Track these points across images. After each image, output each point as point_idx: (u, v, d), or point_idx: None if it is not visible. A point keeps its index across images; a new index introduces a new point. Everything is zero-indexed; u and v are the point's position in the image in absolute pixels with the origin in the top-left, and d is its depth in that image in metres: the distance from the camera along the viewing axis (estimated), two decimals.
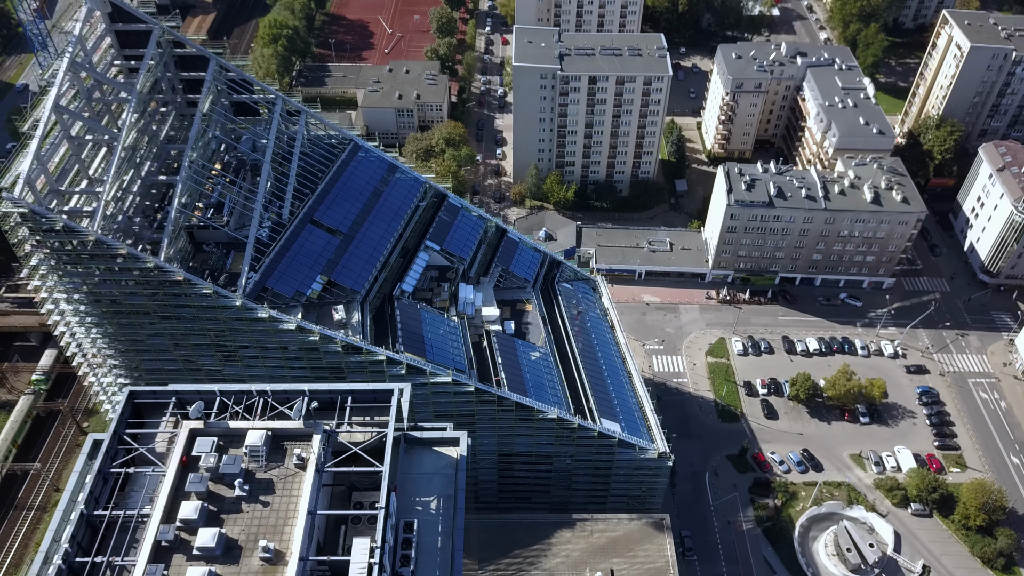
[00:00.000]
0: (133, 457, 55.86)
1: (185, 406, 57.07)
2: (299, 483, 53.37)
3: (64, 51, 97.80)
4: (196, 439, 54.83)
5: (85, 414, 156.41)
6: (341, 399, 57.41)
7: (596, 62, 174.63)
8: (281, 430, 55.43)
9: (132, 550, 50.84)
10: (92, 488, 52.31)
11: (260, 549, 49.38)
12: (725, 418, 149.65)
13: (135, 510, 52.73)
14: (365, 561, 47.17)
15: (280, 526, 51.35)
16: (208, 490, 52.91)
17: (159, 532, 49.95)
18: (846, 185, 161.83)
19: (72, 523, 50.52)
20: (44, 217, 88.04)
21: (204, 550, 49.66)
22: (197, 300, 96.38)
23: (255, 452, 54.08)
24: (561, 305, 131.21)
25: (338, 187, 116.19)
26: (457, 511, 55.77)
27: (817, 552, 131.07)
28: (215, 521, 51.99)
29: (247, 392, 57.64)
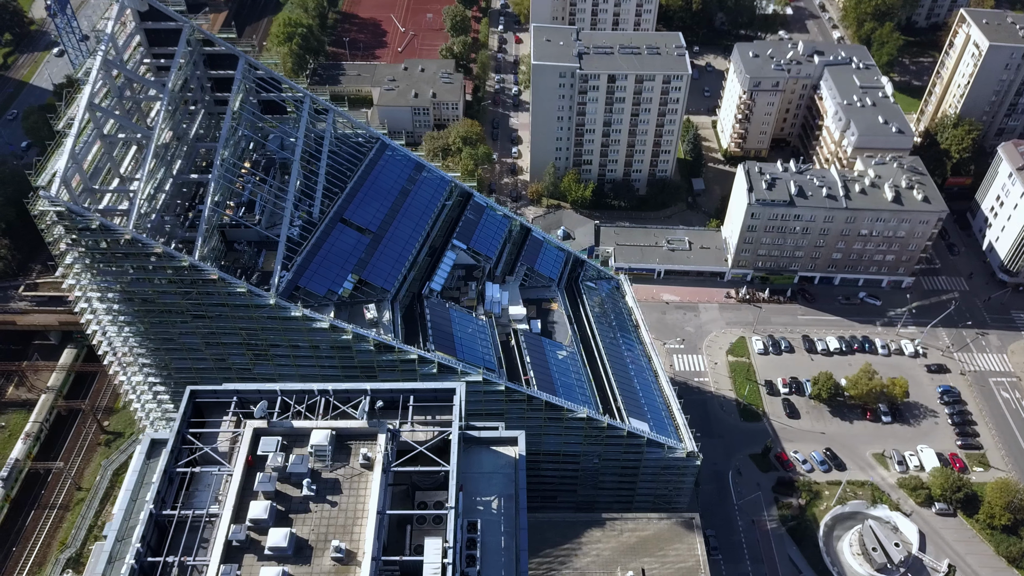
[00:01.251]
0: (197, 457, 55.62)
1: (247, 405, 56.86)
2: (366, 483, 53.17)
3: (96, 49, 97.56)
4: (260, 439, 54.69)
5: (105, 413, 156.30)
6: (403, 398, 57.26)
7: (615, 60, 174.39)
8: (345, 429, 55.23)
9: (201, 550, 50.69)
10: (159, 488, 52.08)
11: (332, 549, 49.20)
12: (747, 417, 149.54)
13: (202, 510, 52.54)
14: (439, 561, 47.03)
15: (349, 526, 51.17)
16: (276, 490, 52.70)
17: (231, 532, 49.83)
18: (866, 184, 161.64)
19: (142, 523, 50.34)
20: (80, 216, 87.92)
21: (276, 550, 49.47)
22: (231, 299, 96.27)
23: (321, 452, 53.90)
24: (586, 304, 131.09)
25: (367, 186, 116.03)
26: (519, 511, 55.65)
27: (842, 551, 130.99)
28: (284, 521, 51.81)
29: (309, 391, 57.44)
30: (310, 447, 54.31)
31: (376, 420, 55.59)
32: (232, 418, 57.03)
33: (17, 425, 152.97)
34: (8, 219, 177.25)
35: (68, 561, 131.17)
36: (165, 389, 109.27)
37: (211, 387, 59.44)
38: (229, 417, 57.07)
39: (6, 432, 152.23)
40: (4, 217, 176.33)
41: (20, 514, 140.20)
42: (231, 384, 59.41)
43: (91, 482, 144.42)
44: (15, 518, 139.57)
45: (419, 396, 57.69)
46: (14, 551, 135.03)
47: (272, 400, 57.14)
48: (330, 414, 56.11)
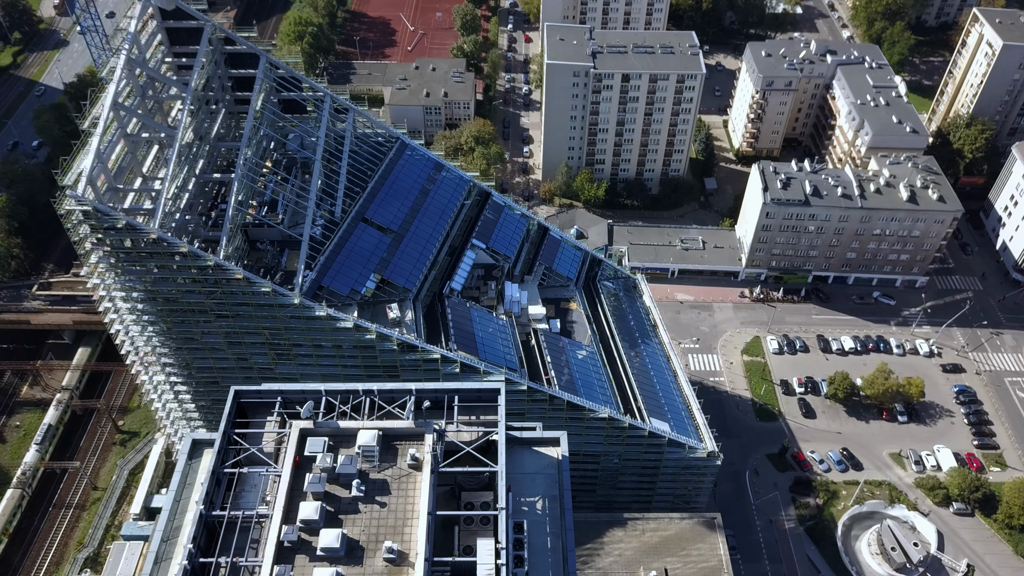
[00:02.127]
0: (243, 458, 55.45)
1: (290, 406, 56.64)
2: (415, 483, 53.00)
3: (120, 48, 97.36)
4: (307, 439, 54.52)
5: (120, 412, 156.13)
6: (447, 398, 57.09)
7: (629, 60, 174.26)
8: (391, 430, 55.06)
9: (251, 551, 50.52)
10: (208, 489, 51.91)
11: (384, 550, 49.01)
12: (763, 417, 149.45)
13: (251, 510, 52.37)
14: (492, 562, 46.90)
15: (400, 527, 51.00)
16: (325, 491, 52.50)
17: (283, 533, 49.67)
18: (881, 184, 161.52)
19: (192, 523, 50.17)
20: (107, 215, 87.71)
21: (328, 551, 49.29)
22: (255, 298, 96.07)
23: (369, 452, 53.71)
24: (604, 303, 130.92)
25: (387, 185, 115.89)
26: (565, 511, 55.51)
27: (860, 551, 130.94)
28: (334, 522, 51.66)
29: (353, 391, 57.23)
30: (357, 447, 54.12)
31: (422, 420, 55.49)
32: (276, 418, 56.95)
33: (32, 424, 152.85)
34: (21, 218, 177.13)
35: (86, 561, 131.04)
36: (187, 389, 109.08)
37: (255, 387, 59.27)
38: (274, 418, 57.00)
39: (21, 431, 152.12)
40: (17, 216, 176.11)
41: (36, 513, 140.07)
42: (275, 384, 59.25)
43: (107, 481, 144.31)
44: (31, 517, 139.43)
45: (463, 396, 57.55)
46: (31, 550, 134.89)
47: (316, 400, 56.99)
48: (376, 414, 56.00)
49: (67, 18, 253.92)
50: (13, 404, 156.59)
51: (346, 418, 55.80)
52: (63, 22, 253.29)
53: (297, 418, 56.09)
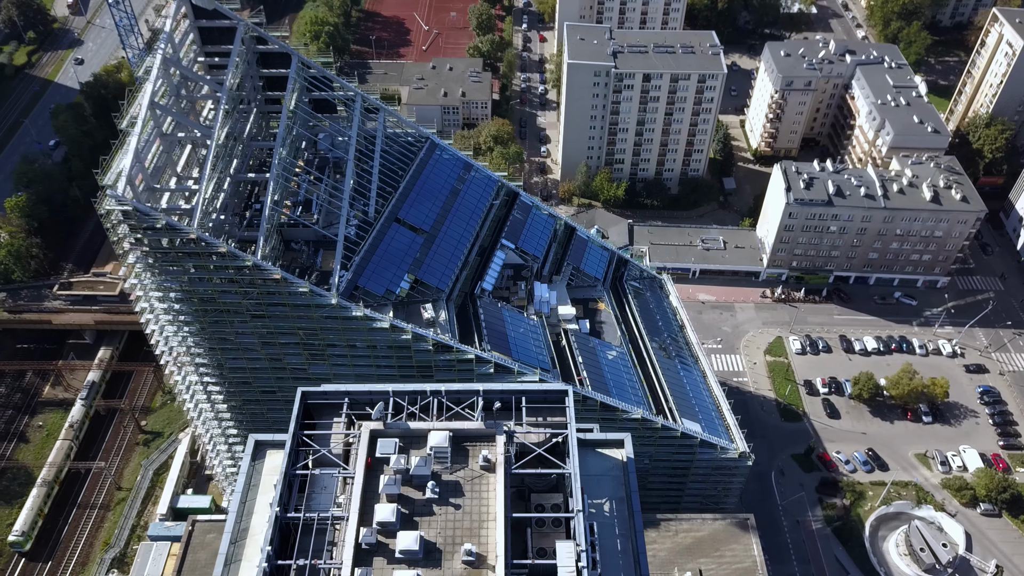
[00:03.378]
0: (315, 459, 55.13)
1: (361, 407, 56.39)
2: (488, 485, 52.73)
3: (156, 48, 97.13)
4: (377, 440, 54.24)
5: (142, 412, 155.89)
6: (515, 399, 56.82)
7: (650, 59, 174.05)
8: (462, 431, 54.81)
9: (325, 553, 50.23)
10: (282, 491, 51.62)
11: (462, 553, 48.78)
12: (787, 417, 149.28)
13: (325, 512, 52.05)
14: (573, 565, 46.66)
15: (476, 529, 50.77)
16: (399, 492, 52.22)
17: (362, 536, 49.40)
18: (904, 184, 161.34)
19: (269, 526, 49.89)
20: (146, 215, 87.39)
21: (407, 553, 49.00)
22: (292, 299, 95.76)
23: (441, 453, 53.44)
24: (632, 304, 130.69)
25: (419, 185, 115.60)
26: (634, 513, 55.25)
27: (888, 552, 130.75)
28: (410, 524, 51.40)
29: (421, 392, 56.94)
30: (429, 448, 53.84)
31: (492, 421, 55.22)
32: (343, 419, 56.66)
33: (55, 424, 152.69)
34: (40, 217, 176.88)
35: (113, 561, 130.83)
36: (219, 389, 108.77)
37: (322, 388, 58.97)
38: (341, 419, 56.71)
39: (44, 431, 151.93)
40: (36, 215, 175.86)
41: (61, 513, 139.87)
42: (342, 385, 58.97)
43: (130, 482, 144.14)
44: (55, 517, 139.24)
45: (530, 397, 57.29)
46: (57, 550, 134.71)
47: (384, 401, 56.71)
48: (444, 415, 55.72)
49: (81, 17, 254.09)
50: (35, 404, 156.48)
51: (415, 419, 55.58)
52: (77, 21, 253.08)
53: (364, 419, 55.80)
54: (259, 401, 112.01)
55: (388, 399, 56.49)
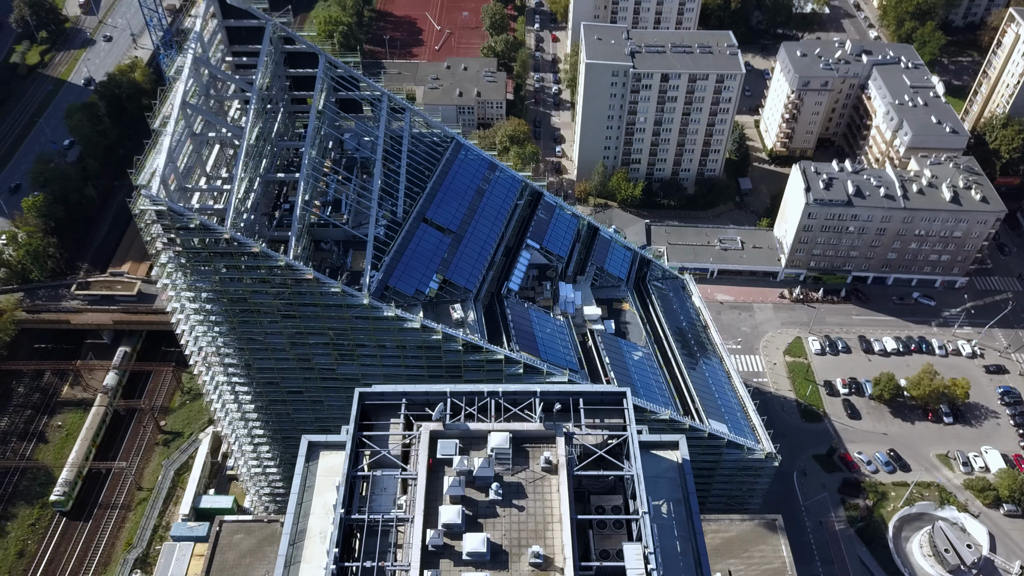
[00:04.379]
0: (374, 460, 54.85)
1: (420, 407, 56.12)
2: (550, 487, 52.49)
3: (187, 47, 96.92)
4: (438, 441, 53.98)
5: (161, 412, 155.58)
6: (573, 401, 56.59)
7: (667, 59, 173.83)
8: (521, 432, 54.58)
9: (390, 555, 49.97)
10: (345, 492, 51.34)
11: (530, 555, 48.56)
12: (808, 418, 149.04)
13: (386, 513, 51.73)
14: (642, 567, 46.46)
15: (541, 531, 50.51)
16: (463, 494, 51.98)
17: (429, 537, 49.14)
18: (924, 184, 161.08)
19: (335, 527, 49.62)
20: (180, 215, 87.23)
21: (474, 555, 48.78)
22: (323, 299, 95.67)
23: (502, 455, 53.21)
24: (655, 304, 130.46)
25: (445, 185, 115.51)
26: (693, 515, 55.06)
27: (912, 552, 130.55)
28: (474, 526, 51.19)
29: (478, 393, 56.75)
30: (489, 450, 53.60)
31: (551, 423, 55.01)
32: (401, 420, 56.39)
33: (74, 424, 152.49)
34: (56, 217, 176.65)
35: (136, 561, 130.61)
36: (247, 389, 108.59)
37: (379, 389, 58.70)
38: (399, 419, 56.43)
39: (63, 431, 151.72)
40: (52, 215, 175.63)
41: (81, 513, 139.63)
42: (399, 386, 58.71)
43: (151, 482, 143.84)
44: (76, 517, 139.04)
45: (588, 399, 57.04)
46: (78, 550, 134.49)
47: (441, 402, 56.41)
48: (502, 416, 55.48)
49: (92, 17, 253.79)
50: (54, 404, 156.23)
51: (473, 420, 55.36)
52: (88, 21, 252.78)
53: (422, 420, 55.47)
54: (285, 402, 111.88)
55: (446, 400, 56.27)
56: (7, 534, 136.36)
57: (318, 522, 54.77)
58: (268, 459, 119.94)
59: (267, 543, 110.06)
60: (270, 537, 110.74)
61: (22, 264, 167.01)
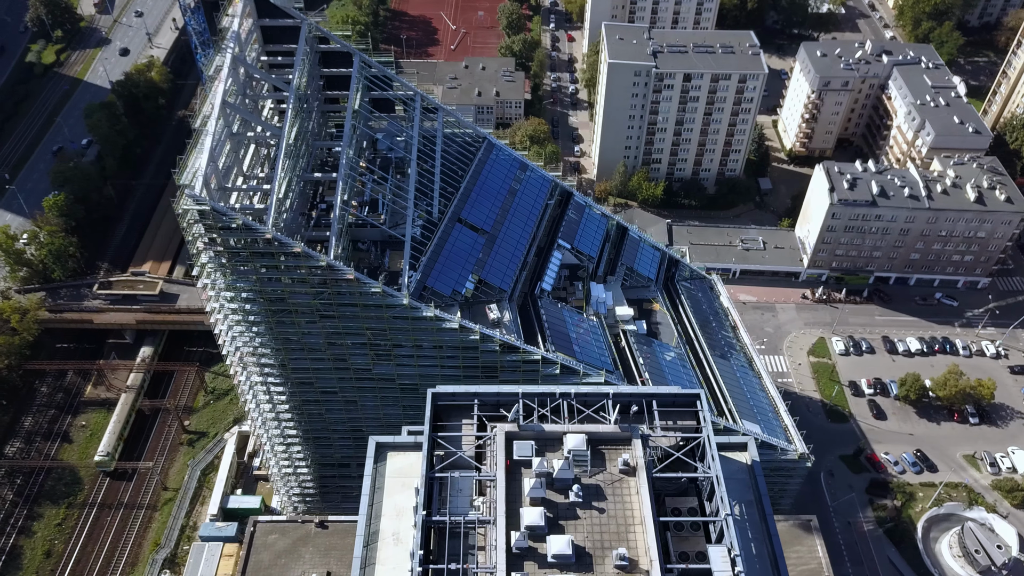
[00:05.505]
0: (450, 462, 54.59)
1: (494, 408, 55.88)
2: (629, 489, 52.29)
3: (225, 46, 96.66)
4: (513, 442, 53.77)
5: (185, 412, 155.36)
6: (647, 403, 56.38)
7: (690, 59, 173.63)
8: (597, 433, 54.38)
9: (471, 557, 49.76)
10: (425, 493, 51.11)
11: (615, 557, 48.35)
12: (834, 418, 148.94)
13: (465, 515, 51.50)
14: (729, 570, 46.29)
15: (623, 533, 50.33)
16: (544, 496, 51.76)
17: (514, 540, 48.92)
18: (948, 185, 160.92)
19: (418, 529, 49.36)
20: (224, 215, 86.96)
21: (560, 557, 48.56)
22: (363, 299, 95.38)
23: (580, 457, 53.00)
24: (685, 304, 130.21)
25: (479, 185, 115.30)
26: (767, 516, 54.88)
27: (941, 553, 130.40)
28: (556, 528, 50.98)
29: (550, 394, 56.52)
30: (567, 451, 53.38)
31: (627, 425, 54.81)
32: (474, 421, 56.17)
33: (98, 424, 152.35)
34: (77, 216, 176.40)
35: (164, 561, 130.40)
36: (282, 390, 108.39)
37: (450, 389, 58.46)
38: (471, 420, 56.19)
39: (87, 431, 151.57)
40: (73, 215, 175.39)
41: (107, 513, 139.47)
42: (471, 387, 58.48)
43: (176, 482, 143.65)
44: (102, 517, 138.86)
45: (660, 401, 56.85)
46: (104, 550, 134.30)
47: (513, 404, 56.18)
48: (576, 418, 55.27)
49: (107, 16, 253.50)
50: (78, 404, 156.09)
51: (546, 421, 55.15)
52: (103, 20, 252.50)
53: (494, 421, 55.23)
54: (318, 402, 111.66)
55: (518, 401, 56.03)
56: (34, 534, 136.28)
57: (390, 524, 54.53)
58: (299, 459, 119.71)
59: (301, 543, 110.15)
60: (304, 537, 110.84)
61: (44, 263, 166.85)
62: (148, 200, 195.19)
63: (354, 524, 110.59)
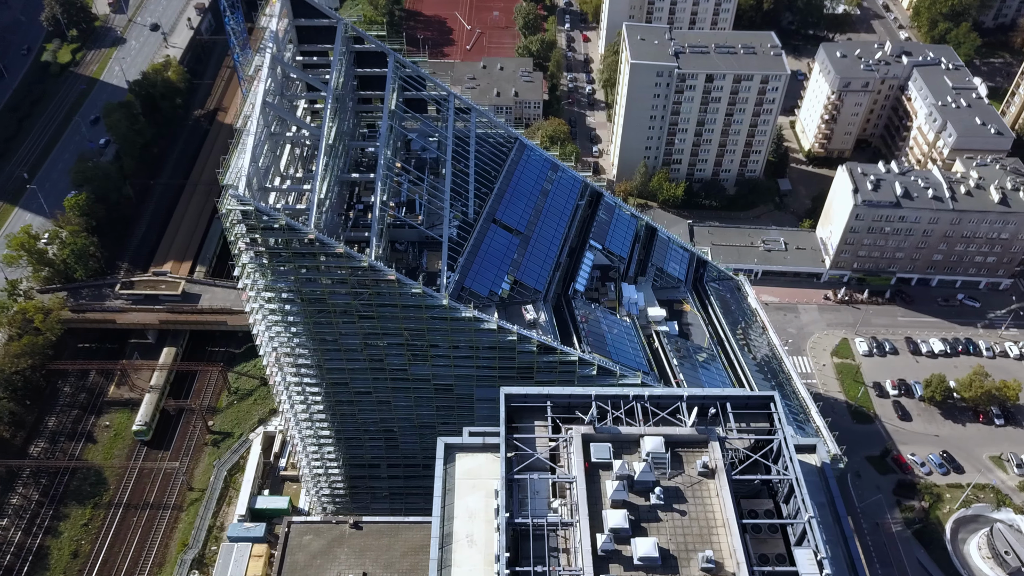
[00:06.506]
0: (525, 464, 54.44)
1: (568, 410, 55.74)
2: (709, 491, 52.19)
3: (264, 46, 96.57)
4: (590, 444, 53.66)
5: (208, 412, 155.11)
6: (720, 405, 56.27)
7: (712, 60, 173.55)
8: (674, 436, 54.27)
9: (552, 560, 49.60)
10: (505, 495, 50.94)
11: (700, 560, 48.23)
12: (859, 419, 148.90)
13: (553, 518, 51.27)
14: (817, 573, 46.16)
15: (706, 536, 50.23)
16: (625, 499, 51.63)
17: (601, 542, 48.78)
18: (971, 186, 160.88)
19: (502, 532, 49.20)
20: (267, 215, 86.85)
21: (646, 560, 48.43)
22: (403, 300, 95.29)
23: (659, 459, 52.88)
24: (714, 305, 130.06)
25: (512, 186, 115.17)
26: (841, 518, 54.81)
27: (970, 555, 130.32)
28: (639, 530, 50.86)
29: (624, 397, 56.40)
30: (645, 454, 53.27)
31: (703, 427, 54.72)
32: (548, 423, 56.00)
33: (121, 424, 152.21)
34: (98, 216, 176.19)
35: (192, 562, 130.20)
36: (317, 390, 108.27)
37: (523, 391, 58.30)
38: (544, 422, 56.05)
39: (111, 431, 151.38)
40: (94, 214, 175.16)
41: (133, 513, 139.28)
42: (543, 388, 58.33)
43: (202, 482, 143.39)
44: (128, 517, 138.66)
45: (734, 403, 56.73)
46: (131, 551, 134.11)
47: (586, 406, 56.07)
48: (650, 420, 55.15)
49: (122, 15, 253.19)
50: (101, 404, 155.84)
51: (621, 424, 55.03)
52: (118, 19, 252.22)
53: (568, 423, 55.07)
54: (352, 402, 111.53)
55: (590, 403, 55.91)
56: (60, 534, 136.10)
57: (463, 525, 54.35)
58: (331, 460, 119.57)
59: (336, 544, 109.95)
60: (339, 538, 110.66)
61: (65, 263, 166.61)
62: (166, 200, 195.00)
63: (389, 525, 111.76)
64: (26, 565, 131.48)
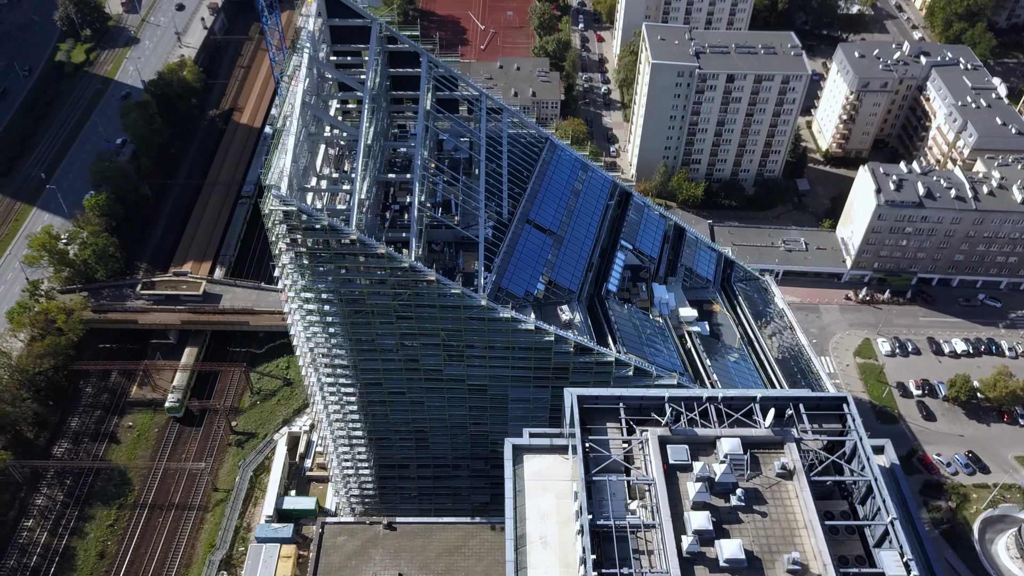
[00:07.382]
0: (604, 465, 54.33)
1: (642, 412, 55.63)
2: (788, 492, 52.13)
3: (301, 47, 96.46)
4: (667, 446, 53.57)
5: (231, 412, 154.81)
6: (795, 406, 56.17)
7: (733, 60, 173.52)
8: (751, 437, 54.19)
9: (635, 562, 49.47)
10: (585, 497, 50.88)
11: (786, 561, 48.16)
12: (883, 419, 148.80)
13: (635, 520, 51.14)
14: (903, 574, 46.10)
15: (789, 537, 50.14)
16: (707, 501, 51.55)
17: (686, 544, 48.70)
18: (994, 186, 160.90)
19: (585, 534, 49.12)
20: (309, 216, 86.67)
21: (732, 562, 48.37)
22: (441, 300, 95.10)
23: (737, 461, 52.81)
24: (743, 305, 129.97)
25: (544, 186, 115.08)
26: (914, 519, 54.75)
27: (998, 555, 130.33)
28: (722, 532, 50.75)
29: (696, 398, 56.30)
30: (723, 455, 53.18)
31: (780, 429, 54.61)
32: (623, 425, 55.84)
33: (144, 425, 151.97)
34: (117, 216, 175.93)
35: (220, 563, 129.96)
36: (352, 390, 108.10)
37: (596, 392, 58.23)
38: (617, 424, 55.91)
39: (134, 432, 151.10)
40: (114, 214, 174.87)
41: (158, 514, 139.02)
42: (615, 389, 58.22)
43: (227, 483, 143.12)
44: (153, 518, 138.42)
45: (807, 404, 56.66)
46: (158, 551, 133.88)
47: (659, 407, 55.98)
48: (725, 422, 55.06)
49: (135, 15, 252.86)
50: (124, 404, 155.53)
51: (696, 425, 54.93)
52: (131, 19, 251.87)
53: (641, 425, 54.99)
54: (384, 403, 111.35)
55: (663, 404, 55.80)
56: (86, 535, 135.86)
57: (535, 527, 54.26)
58: (362, 460, 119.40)
59: (371, 545, 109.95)
60: (373, 539, 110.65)
61: (86, 264, 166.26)
62: (183, 200, 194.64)
63: (423, 526, 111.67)
64: (53, 566, 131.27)
